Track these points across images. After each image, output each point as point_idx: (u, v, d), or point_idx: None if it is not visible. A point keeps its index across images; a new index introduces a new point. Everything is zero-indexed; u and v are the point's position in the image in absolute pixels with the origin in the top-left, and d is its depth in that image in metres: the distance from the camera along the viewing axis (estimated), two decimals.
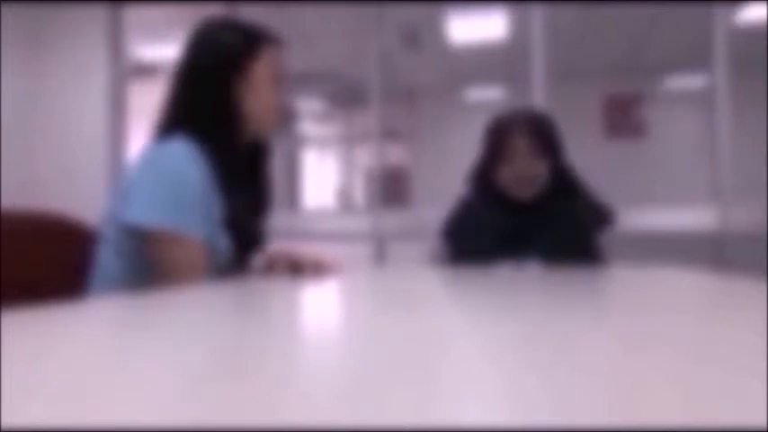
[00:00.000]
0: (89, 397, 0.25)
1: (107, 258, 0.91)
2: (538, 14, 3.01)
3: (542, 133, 1.39)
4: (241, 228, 0.98)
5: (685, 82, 5.36)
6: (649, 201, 2.86)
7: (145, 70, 4.50)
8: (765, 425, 0.20)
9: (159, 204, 0.86)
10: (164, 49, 4.17)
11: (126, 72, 3.58)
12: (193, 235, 0.88)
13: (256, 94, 1.02)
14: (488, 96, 5.95)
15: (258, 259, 1.09)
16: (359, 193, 7.79)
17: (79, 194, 3.21)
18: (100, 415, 0.22)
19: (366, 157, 7.00)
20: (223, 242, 0.94)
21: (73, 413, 0.22)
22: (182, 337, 0.41)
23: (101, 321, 0.50)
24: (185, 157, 0.90)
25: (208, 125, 0.96)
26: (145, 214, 0.86)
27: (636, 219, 2.65)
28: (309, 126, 7.52)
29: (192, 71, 1.00)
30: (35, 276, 0.89)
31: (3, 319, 0.44)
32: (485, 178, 1.44)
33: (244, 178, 1.05)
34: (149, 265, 0.88)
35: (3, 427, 0.20)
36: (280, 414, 0.22)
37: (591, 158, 2.42)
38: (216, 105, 0.98)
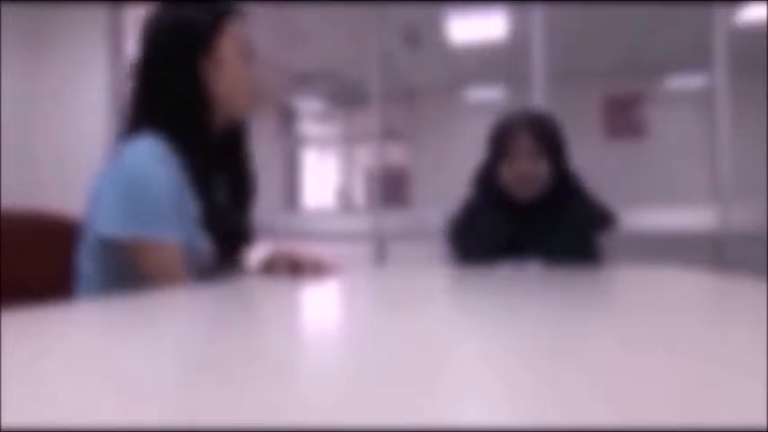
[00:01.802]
0: (89, 397, 0.25)
1: (87, 265, 0.86)
2: (538, 14, 3.01)
3: (545, 134, 1.39)
4: (222, 226, 0.92)
5: (685, 82, 5.36)
6: (649, 201, 2.86)
7: None
8: (765, 425, 0.20)
9: (128, 213, 0.81)
10: None
11: (125, 71, 3.58)
12: (168, 239, 0.83)
13: (226, 74, 0.94)
14: (488, 96, 5.95)
15: (255, 259, 1.07)
16: (359, 193, 7.79)
17: (79, 194, 3.21)
18: (100, 415, 0.22)
19: (366, 157, 7.01)
20: (204, 243, 0.89)
21: (73, 413, 0.22)
22: (181, 338, 0.41)
23: (101, 321, 0.50)
24: (150, 158, 0.83)
25: (176, 117, 0.90)
26: (114, 225, 0.81)
27: (636, 219, 2.65)
28: (309, 126, 7.52)
29: (152, 59, 0.92)
30: (35, 276, 0.89)
31: (2, 319, 0.44)
32: (488, 178, 1.44)
33: (221, 170, 0.98)
34: (127, 272, 0.83)
35: (3, 427, 0.20)
36: (279, 414, 0.22)
37: (591, 159, 2.42)
38: (183, 92, 0.91)
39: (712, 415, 0.22)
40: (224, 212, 0.95)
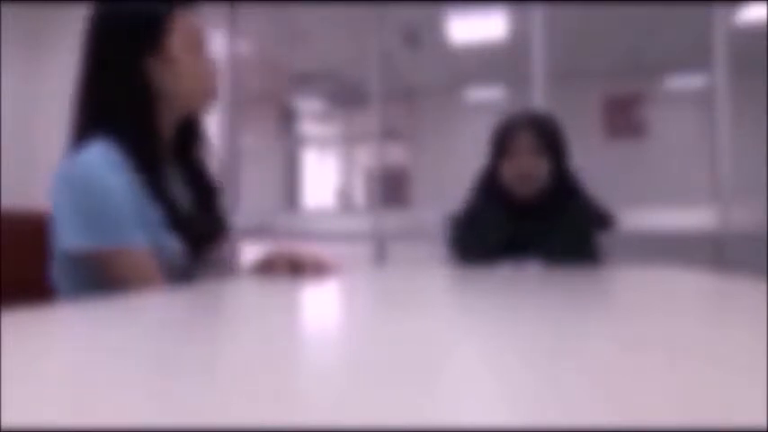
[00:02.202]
0: (89, 397, 0.25)
1: (61, 281, 0.84)
2: (538, 14, 3.01)
3: (546, 132, 1.41)
4: (187, 224, 0.89)
5: (685, 82, 5.36)
6: (649, 201, 2.85)
7: None
8: (765, 425, 0.20)
9: (88, 225, 0.78)
10: None
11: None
12: (133, 244, 0.80)
13: (176, 72, 0.90)
14: (488, 96, 5.95)
15: (252, 258, 1.06)
16: (359, 193, 7.79)
17: None
18: (99, 415, 0.22)
19: (366, 157, 7.01)
20: (172, 243, 0.86)
21: (73, 413, 0.22)
22: (182, 337, 0.41)
23: (100, 321, 0.50)
24: (101, 165, 0.80)
25: (124, 121, 0.85)
26: (77, 239, 0.78)
27: (636, 219, 2.65)
28: (309, 126, 7.52)
29: (96, 61, 0.88)
30: (35, 276, 0.89)
31: (2, 319, 0.44)
32: (490, 178, 1.46)
33: (177, 167, 0.95)
34: (102, 283, 0.81)
35: (3, 427, 0.20)
36: (279, 414, 0.22)
37: (591, 158, 2.42)
38: (130, 95, 0.86)
39: (712, 415, 0.22)
40: (186, 211, 0.92)
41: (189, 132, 0.98)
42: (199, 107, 0.96)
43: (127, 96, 0.87)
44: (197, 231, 0.92)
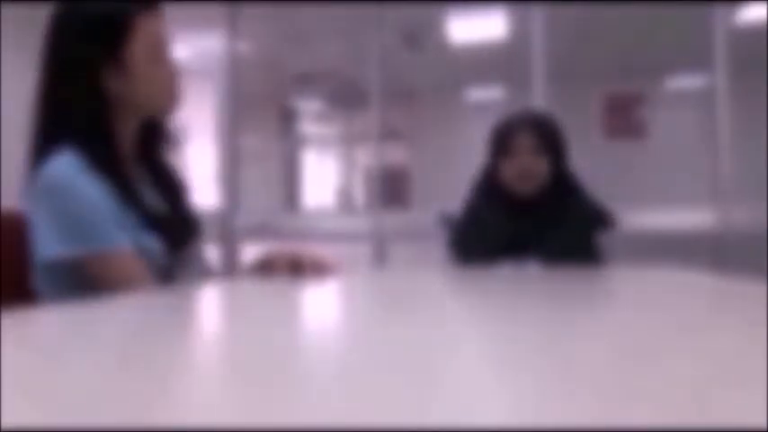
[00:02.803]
0: (89, 397, 0.25)
1: (47, 292, 0.82)
2: (538, 14, 3.01)
3: (546, 131, 1.42)
4: (164, 224, 0.88)
5: (685, 82, 5.36)
6: (649, 201, 2.85)
7: None
8: (765, 425, 0.20)
9: (67, 232, 0.77)
10: None
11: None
12: (116, 246, 0.79)
13: (139, 78, 0.87)
14: (488, 96, 5.95)
15: (251, 258, 1.05)
16: (359, 193, 7.79)
17: None
18: (99, 415, 0.22)
19: (366, 157, 7.00)
20: (152, 244, 0.85)
21: (72, 413, 0.22)
22: (182, 337, 0.41)
23: (101, 321, 0.50)
24: (74, 173, 0.79)
25: (83, 131, 0.83)
26: (56, 247, 0.77)
27: (636, 219, 2.65)
28: (309, 126, 7.52)
29: (53, 66, 0.86)
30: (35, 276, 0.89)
31: (2, 319, 0.44)
32: (489, 177, 1.47)
33: (147, 171, 0.94)
34: (88, 288, 0.78)
35: (3, 428, 0.20)
36: (279, 414, 0.22)
37: (591, 159, 2.42)
38: (87, 101, 0.84)
39: (712, 415, 0.22)
40: (160, 211, 0.91)
41: (153, 133, 0.97)
42: (159, 112, 0.95)
43: (83, 100, 0.85)
44: (174, 230, 0.91)
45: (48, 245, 0.78)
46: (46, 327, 0.47)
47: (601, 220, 1.42)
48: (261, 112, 6.38)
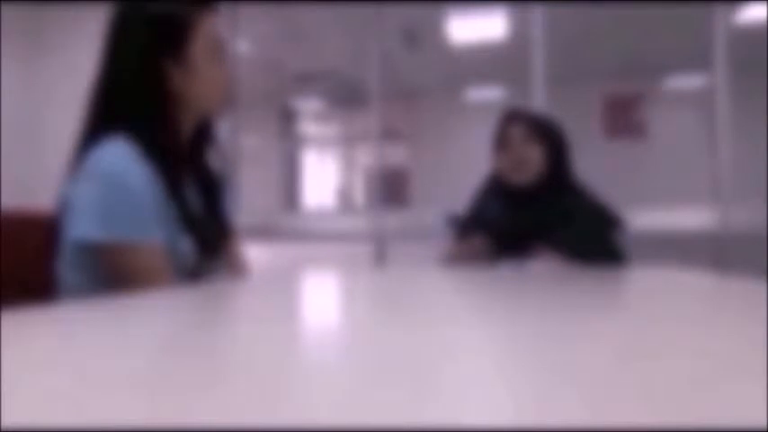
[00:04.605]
0: (89, 397, 0.25)
1: (69, 276, 0.82)
2: (538, 15, 3.01)
3: (537, 122, 1.47)
4: (199, 227, 0.89)
5: (685, 82, 5.36)
6: (649, 201, 2.85)
7: None
8: (765, 425, 0.20)
9: (107, 215, 0.77)
10: None
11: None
12: (150, 240, 0.80)
13: (198, 75, 0.89)
14: (488, 96, 5.96)
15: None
16: (359, 193, 7.79)
17: None
18: (100, 415, 0.22)
19: (366, 157, 7.01)
20: (185, 244, 0.85)
21: (73, 413, 0.22)
22: (183, 337, 0.41)
23: (101, 321, 0.50)
24: (126, 158, 0.80)
25: (142, 121, 0.85)
26: (92, 229, 0.77)
27: (636, 219, 2.65)
28: (309, 126, 7.52)
29: (115, 62, 0.88)
30: (35, 276, 0.89)
31: (2, 319, 0.44)
32: (493, 178, 1.50)
33: (190, 170, 0.95)
34: (111, 277, 0.80)
35: (3, 428, 0.20)
36: (278, 415, 0.22)
37: (591, 159, 2.42)
38: (150, 96, 0.86)
39: (712, 415, 0.22)
40: (198, 213, 0.92)
41: (202, 136, 0.98)
42: (213, 112, 0.96)
43: (145, 96, 0.86)
44: (208, 235, 0.92)
45: (84, 226, 0.78)
46: (49, 325, 0.47)
47: (612, 220, 1.42)
48: (261, 112, 6.39)
